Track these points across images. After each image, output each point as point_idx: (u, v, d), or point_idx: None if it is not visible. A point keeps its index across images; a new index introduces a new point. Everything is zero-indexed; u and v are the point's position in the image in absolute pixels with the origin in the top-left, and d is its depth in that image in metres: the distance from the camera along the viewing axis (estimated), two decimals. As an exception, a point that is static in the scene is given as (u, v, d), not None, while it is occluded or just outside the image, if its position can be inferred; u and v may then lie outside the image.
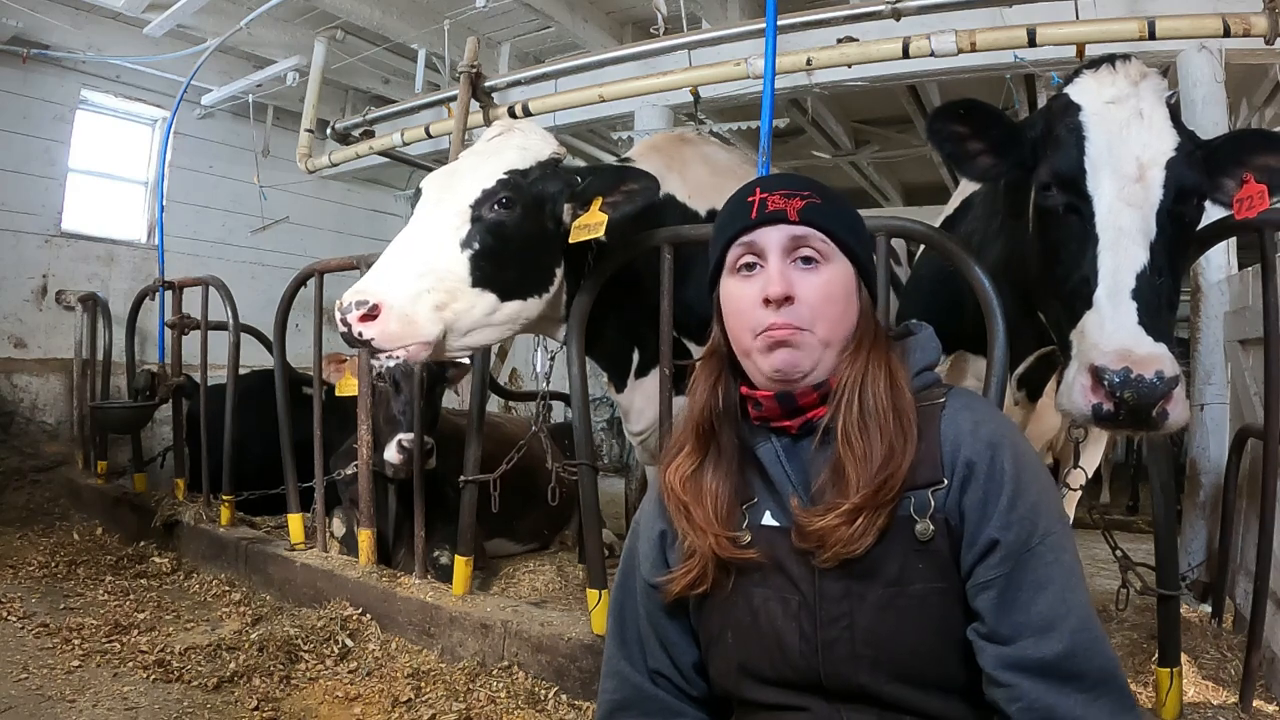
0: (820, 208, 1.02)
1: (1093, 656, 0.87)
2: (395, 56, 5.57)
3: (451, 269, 1.66)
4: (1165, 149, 1.23)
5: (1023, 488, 0.92)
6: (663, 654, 1.08)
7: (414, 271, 1.63)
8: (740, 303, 1.02)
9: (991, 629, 0.90)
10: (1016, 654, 0.87)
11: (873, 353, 1.00)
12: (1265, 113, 4.59)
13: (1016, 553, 0.90)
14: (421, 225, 1.72)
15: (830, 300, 1.00)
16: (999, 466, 0.92)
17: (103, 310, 4.41)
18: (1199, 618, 2.25)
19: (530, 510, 3.35)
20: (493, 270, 1.70)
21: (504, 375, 5.99)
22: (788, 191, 1.03)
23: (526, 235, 1.78)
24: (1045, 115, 1.39)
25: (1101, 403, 1.08)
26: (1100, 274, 1.17)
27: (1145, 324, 1.11)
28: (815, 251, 1.01)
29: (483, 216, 1.71)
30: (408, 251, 1.67)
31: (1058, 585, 0.89)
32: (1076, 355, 1.18)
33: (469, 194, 1.73)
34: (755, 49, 3.25)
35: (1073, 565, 0.91)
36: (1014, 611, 0.89)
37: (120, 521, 3.73)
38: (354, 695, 2.06)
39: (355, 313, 1.55)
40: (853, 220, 1.07)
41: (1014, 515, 0.90)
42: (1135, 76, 1.30)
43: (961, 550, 0.93)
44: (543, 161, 1.83)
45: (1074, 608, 0.88)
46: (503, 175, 1.76)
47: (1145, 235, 1.19)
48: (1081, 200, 1.24)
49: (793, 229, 1.01)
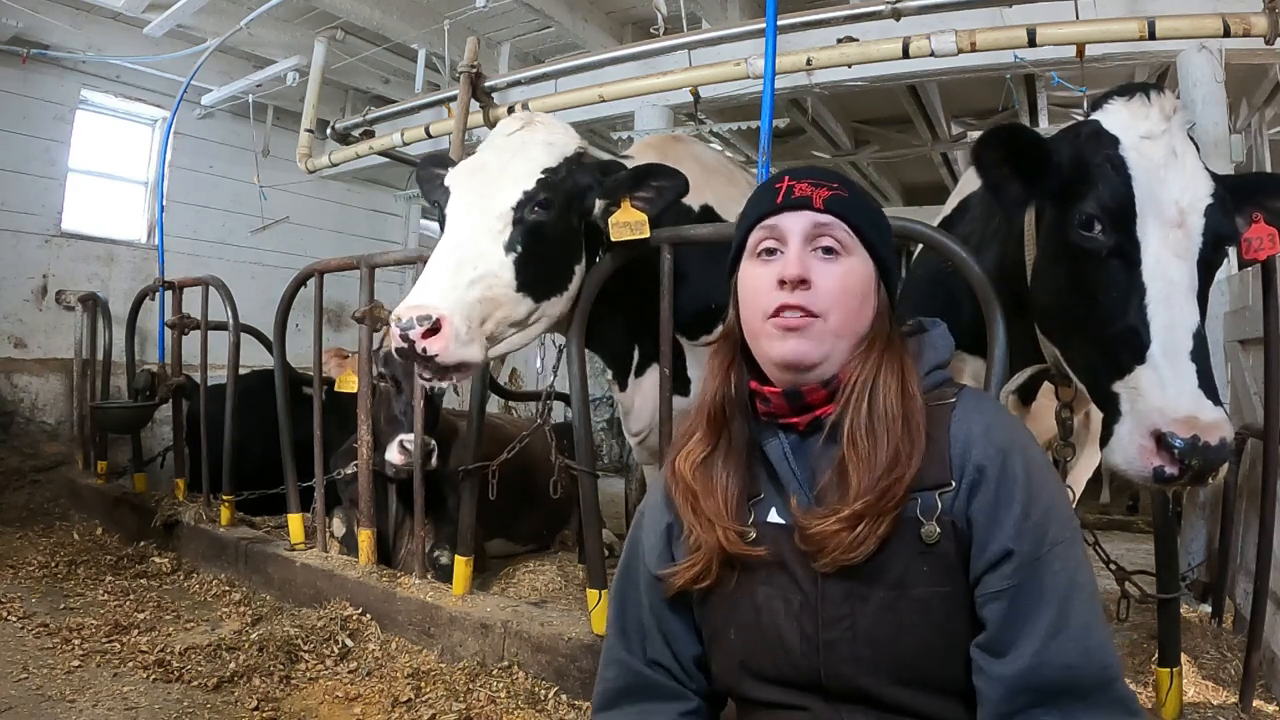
0: (846, 200, 1.02)
1: (1090, 666, 0.86)
2: (395, 56, 5.58)
3: (499, 274, 1.64)
4: (1203, 194, 1.21)
5: (1035, 495, 0.91)
6: (664, 646, 1.08)
7: (465, 280, 1.59)
8: (756, 283, 1.02)
9: (993, 638, 0.89)
10: (1012, 672, 0.86)
11: (886, 354, 0.99)
12: (1265, 113, 4.60)
13: (1028, 563, 0.89)
14: (463, 230, 1.68)
15: (847, 291, 0.99)
16: (1011, 473, 0.91)
17: (103, 310, 4.41)
18: (1199, 618, 2.25)
19: (530, 510, 3.35)
20: (533, 272, 1.69)
21: (504, 375, 5.99)
22: (816, 181, 1.03)
23: (560, 235, 1.78)
24: (1073, 142, 1.31)
25: (1164, 466, 1.08)
26: (1154, 329, 1.15)
27: (1204, 387, 1.10)
28: (837, 241, 1.00)
29: (524, 219, 1.69)
30: (456, 259, 1.62)
31: (1061, 595, 0.88)
32: (1130, 413, 1.15)
33: (510, 196, 1.70)
34: (755, 49, 3.25)
35: (1077, 574, 0.90)
36: (1019, 623, 0.88)
37: (120, 521, 3.73)
38: (354, 695, 2.05)
39: (418, 328, 1.48)
40: (877, 217, 1.06)
41: (1028, 524, 0.89)
42: (1169, 110, 1.26)
43: (971, 556, 0.92)
44: (569, 157, 1.82)
45: (1074, 617, 0.87)
46: (540, 175, 1.74)
47: (1192, 288, 1.17)
48: (1129, 244, 1.20)
49: (817, 216, 1.00)
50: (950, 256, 1.64)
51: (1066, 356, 1.39)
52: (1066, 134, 1.37)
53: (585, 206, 1.84)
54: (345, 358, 2.95)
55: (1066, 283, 1.30)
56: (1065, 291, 1.31)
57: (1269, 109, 4.55)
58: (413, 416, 2.65)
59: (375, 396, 2.75)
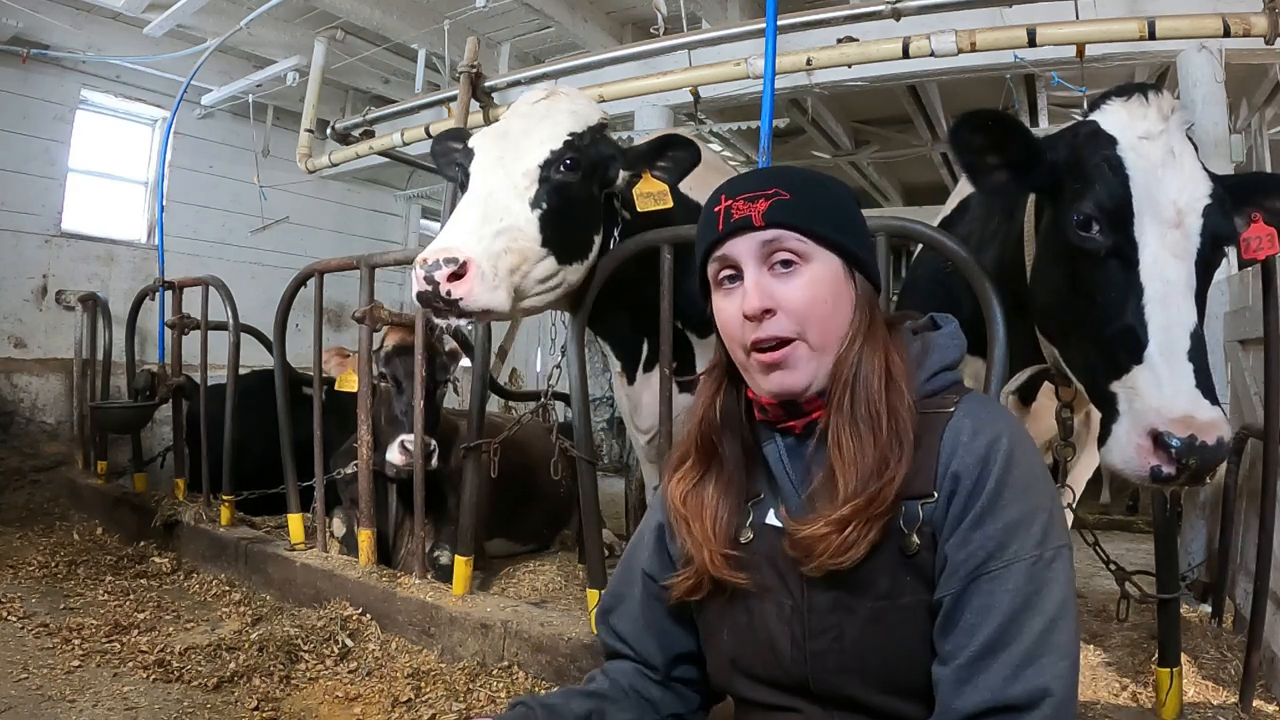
0: (790, 204, 0.96)
1: (1017, 695, 0.81)
2: (395, 56, 5.58)
3: (524, 229, 1.66)
4: (1201, 195, 1.20)
5: (999, 507, 0.87)
6: (651, 639, 1.12)
7: (491, 229, 1.60)
8: (725, 317, 1.00)
9: (936, 644, 0.88)
10: (947, 681, 0.85)
11: (867, 346, 0.96)
12: (1265, 113, 4.60)
13: (970, 573, 0.86)
14: (488, 184, 1.69)
15: (815, 301, 0.95)
16: (982, 482, 0.88)
17: (103, 310, 4.41)
18: (1199, 618, 2.25)
19: (530, 510, 3.36)
20: (556, 232, 1.71)
21: (504, 375, 5.99)
22: (751, 194, 0.97)
23: (584, 199, 1.80)
24: (1071, 141, 1.31)
25: (1161, 465, 1.08)
26: (1151, 329, 1.15)
27: (1201, 386, 1.10)
28: (791, 253, 0.96)
29: (550, 178, 1.72)
30: (483, 209, 1.64)
31: (1007, 614, 0.84)
32: (1128, 413, 1.15)
33: (537, 154, 1.73)
34: (755, 49, 3.25)
35: (1037, 595, 0.84)
36: (951, 633, 0.86)
37: (120, 521, 3.73)
38: (354, 695, 2.05)
39: (444, 270, 1.48)
40: (831, 209, 0.99)
41: (976, 534, 0.87)
42: (1167, 110, 1.26)
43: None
44: (593, 126, 1.85)
45: (1017, 640, 0.83)
46: (567, 138, 1.76)
47: (1190, 288, 1.17)
48: (1127, 244, 1.20)
49: (761, 235, 0.96)
50: (950, 256, 1.64)
51: (1065, 356, 1.39)
52: (1065, 134, 1.36)
53: (608, 176, 1.85)
54: (346, 356, 2.95)
55: (1065, 283, 1.30)
56: (1063, 291, 1.31)
57: (1269, 109, 4.56)
58: (413, 417, 2.65)
59: (375, 396, 2.75)
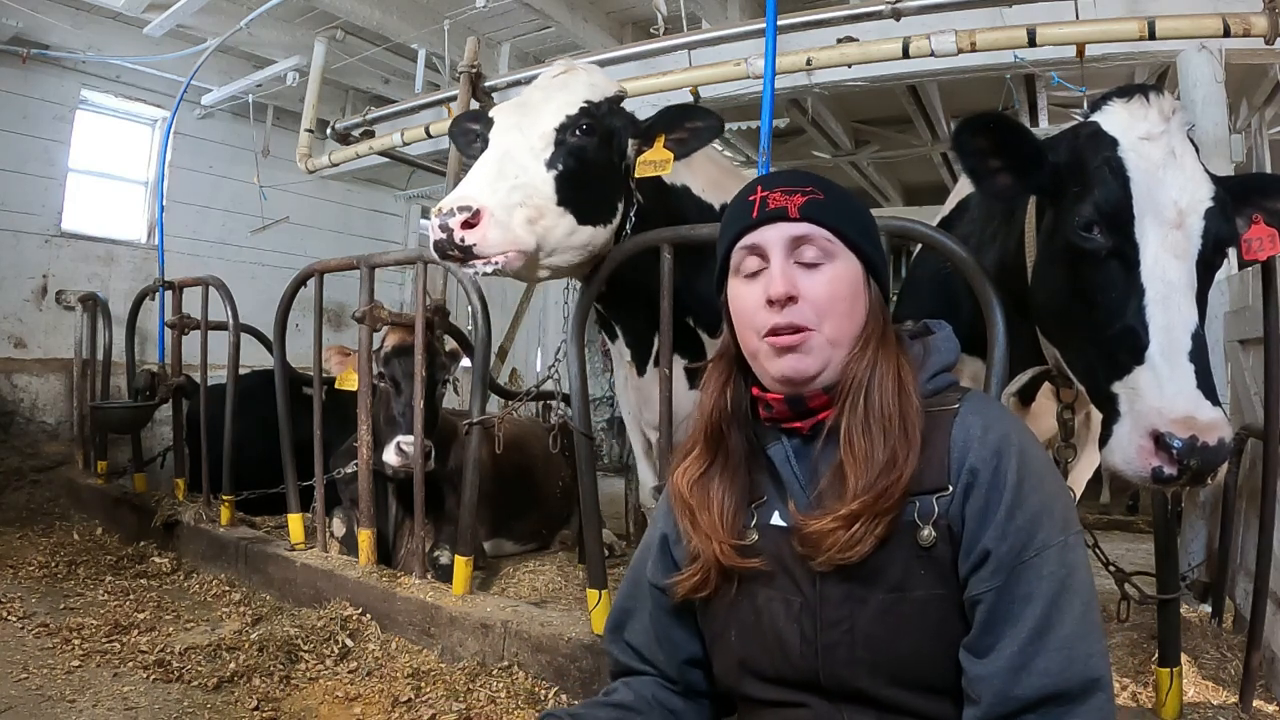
0: (823, 204, 1.00)
1: (1071, 674, 0.85)
2: (395, 56, 5.57)
3: (539, 187, 1.72)
4: (1202, 196, 1.20)
5: (1024, 497, 0.90)
6: (658, 648, 1.11)
7: (507, 185, 1.67)
8: (745, 304, 1.01)
9: (976, 639, 0.89)
10: (991, 673, 0.86)
11: (881, 351, 0.99)
12: (1265, 113, 4.59)
13: (1009, 565, 0.88)
14: (506, 146, 1.76)
15: (836, 298, 0.98)
16: (1002, 474, 0.91)
17: (103, 310, 4.41)
18: (1199, 618, 2.25)
19: (530, 510, 3.36)
20: (573, 192, 1.76)
21: (504, 375, 5.99)
22: (788, 188, 1.01)
23: (601, 163, 1.85)
24: (1072, 142, 1.32)
25: (1163, 466, 1.08)
26: (1152, 330, 1.15)
27: (1203, 387, 1.10)
28: (819, 249, 0.99)
29: (566, 140, 1.78)
30: (498, 167, 1.71)
31: (1048, 599, 0.87)
32: (1129, 414, 1.15)
33: (553, 118, 1.79)
34: (755, 49, 3.25)
35: (1070, 578, 0.88)
36: (999, 626, 0.87)
37: (120, 521, 3.73)
38: (354, 695, 2.05)
39: (457, 218, 1.56)
40: (858, 215, 1.05)
41: (1011, 526, 0.89)
42: (1168, 111, 1.26)
43: (959, 559, 0.92)
44: (610, 97, 1.91)
45: (1060, 623, 0.86)
46: (583, 104, 1.83)
47: (1191, 289, 1.17)
48: (1128, 245, 1.20)
49: (794, 227, 0.99)
50: (950, 256, 1.64)
51: (1066, 357, 1.38)
52: (1065, 135, 1.36)
53: (622, 144, 1.90)
54: (347, 355, 2.95)
55: (1066, 284, 1.30)
56: (1065, 292, 1.31)
57: (1269, 109, 4.55)
58: (412, 417, 2.65)
59: (375, 396, 2.75)
